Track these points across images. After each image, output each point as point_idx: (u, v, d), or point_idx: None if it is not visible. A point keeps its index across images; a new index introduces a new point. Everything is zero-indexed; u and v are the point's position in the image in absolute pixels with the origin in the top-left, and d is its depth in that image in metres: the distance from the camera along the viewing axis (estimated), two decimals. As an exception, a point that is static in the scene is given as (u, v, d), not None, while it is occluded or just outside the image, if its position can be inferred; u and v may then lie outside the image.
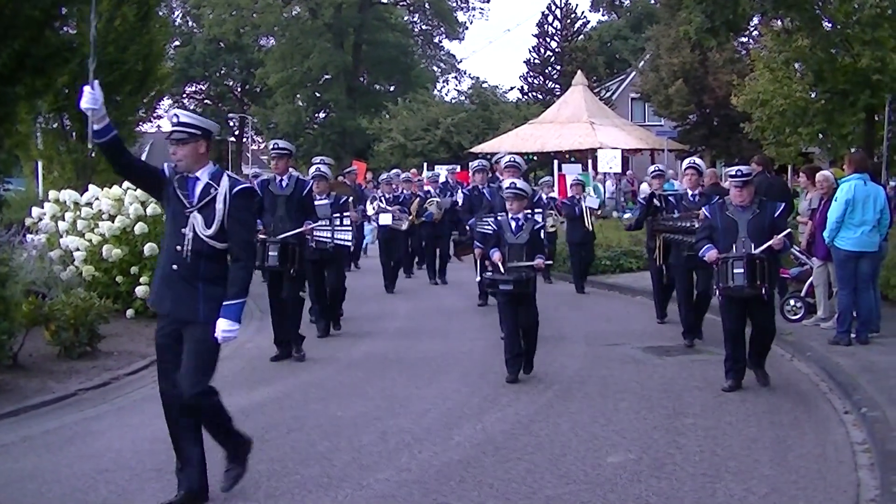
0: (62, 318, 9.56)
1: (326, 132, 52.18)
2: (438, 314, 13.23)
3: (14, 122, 8.69)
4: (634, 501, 5.68)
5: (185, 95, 66.25)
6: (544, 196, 15.44)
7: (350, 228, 11.11)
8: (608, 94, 42.62)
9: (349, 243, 10.91)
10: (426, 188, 17.93)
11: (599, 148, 24.31)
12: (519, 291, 8.72)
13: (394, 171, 17.88)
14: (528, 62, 45.18)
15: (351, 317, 12.23)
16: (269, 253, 9.74)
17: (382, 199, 16.02)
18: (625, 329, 11.87)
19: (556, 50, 44.33)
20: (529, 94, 44.63)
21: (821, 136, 17.82)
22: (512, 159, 11.71)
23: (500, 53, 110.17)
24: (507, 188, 9.20)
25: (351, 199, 12.50)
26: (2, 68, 8.03)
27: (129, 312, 11.70)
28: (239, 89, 66.99)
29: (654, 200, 11.26)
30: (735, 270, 8.10)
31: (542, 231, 9.35)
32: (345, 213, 11.14)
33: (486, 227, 10.31)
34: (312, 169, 11.58)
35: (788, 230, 8.42)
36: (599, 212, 16.17)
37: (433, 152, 38.22)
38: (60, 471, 6.25)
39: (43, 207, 12.85)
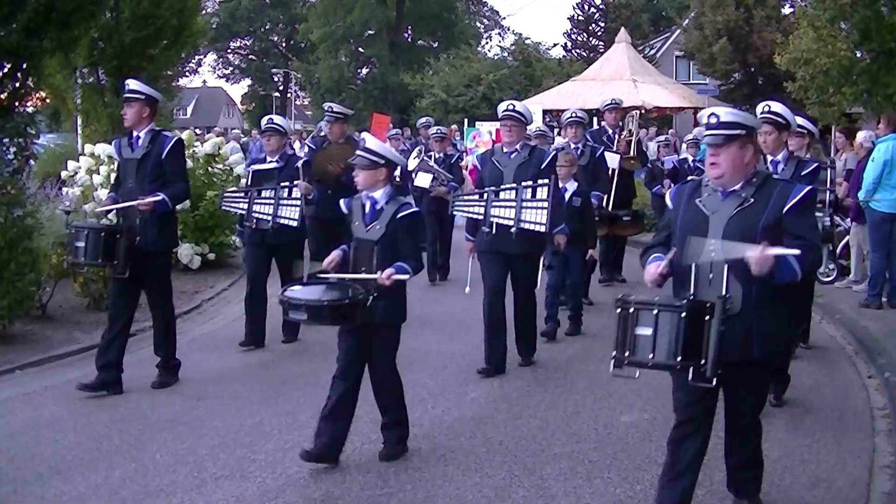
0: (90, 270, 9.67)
1: (369, 88, 52.12)
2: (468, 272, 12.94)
3: (40, 75, 8.70)
4: (643, 460, 5.66)
5: (229, 51, 66.68)
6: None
7: (299, 204, 8.29)
8: (652, 51, 41.97)
9: (295, 222, 8.24)
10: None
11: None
12: (332, 323, 5.56)
13: (435, 127, 14.00)
14: (571, 19, 44.56)
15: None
16: (76, 243, 6.94)
17: (430, 157, 12.40)
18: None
19: (601, 6, 43.67)
20: (572, 52, 44.04)
21: (865, 96, 17.37)
22: (574, 114, 10.31)
23: (544, 10, 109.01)
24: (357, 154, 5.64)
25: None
26: (27, 22, 8.04)
27: (161, 265, 11.76)
28: (283, 44, 67.13)
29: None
30: (640, 330, 4.29)
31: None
32: (294, 183, 8.35)
33: (467, 207, 7.86)
34: (264, 121, 8.81)
35: (801, 248, 4.21)
36: None
37: (475, 108, 37.96)
38: (77, 419, 6.36)
39: (79, 161, 13.00)
